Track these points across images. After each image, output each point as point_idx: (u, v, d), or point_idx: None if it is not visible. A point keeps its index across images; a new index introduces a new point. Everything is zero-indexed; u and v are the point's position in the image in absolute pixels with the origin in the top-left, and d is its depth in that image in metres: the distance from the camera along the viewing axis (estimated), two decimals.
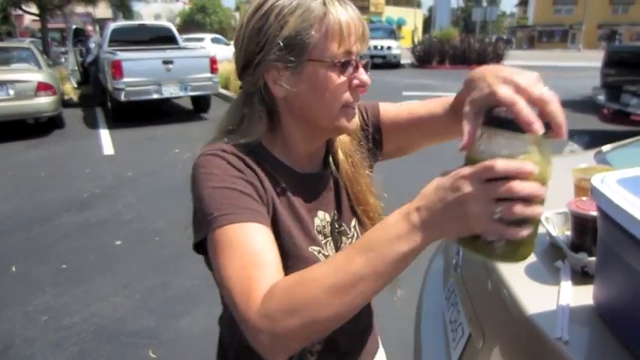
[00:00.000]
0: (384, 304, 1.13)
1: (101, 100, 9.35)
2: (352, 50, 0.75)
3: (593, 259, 0.96)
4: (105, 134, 7.70)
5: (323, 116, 0.77)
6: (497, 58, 20.33)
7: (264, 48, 0.74)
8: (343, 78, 0.76)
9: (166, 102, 9.59)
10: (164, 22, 12.58)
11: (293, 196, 0.81)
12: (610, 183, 0.80)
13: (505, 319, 1.01)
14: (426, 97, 0.96)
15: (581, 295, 0.93)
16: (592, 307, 0.90)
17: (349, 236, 0.87)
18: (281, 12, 0.73)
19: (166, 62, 7.96)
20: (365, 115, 0.94)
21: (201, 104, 9.35)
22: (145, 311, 2.86)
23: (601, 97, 7.19)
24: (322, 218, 0.85)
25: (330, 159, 0.89)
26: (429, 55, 20.28)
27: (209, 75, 8.52)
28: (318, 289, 0.59)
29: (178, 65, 8.07)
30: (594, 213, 0.89)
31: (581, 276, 1.00)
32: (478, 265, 1.22)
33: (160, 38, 9.47)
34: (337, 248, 0.85)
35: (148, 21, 14.85)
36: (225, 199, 0.70)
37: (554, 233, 1.12)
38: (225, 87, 11.62)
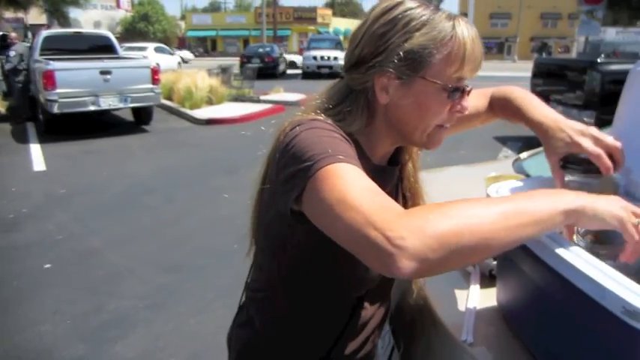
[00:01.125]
0: None
1: (31, 113, 8.84)
2: (464, 76, 0.78)
3: None
4: (36, 149, 7.25)
5: (417, 131, 0.80)
6: None
7: (382, 53, 0.76)
8: (449, 102, 0.78)
9: (105, 114, 9.22)
10: (102, 31, 12.13)
11: None
12: (504, 192, 0.82)
13: (420, 324, 1.03)
14: None
15: (488, 298, 0.96)
16: (497, 309, 0.93)
17: None
18: (409, 23, 0.75)
19: (104, 72, 7.67)
20: None
21: (142, 116, 9.06)
22: (75, 338, 2.67)
23: None
24: None
25: (404, 159, 0.94)
26: None
27: (150, 86, 8.29)
28: (480, 207, 0.62)
29: (117, 76, 7.80)
30: None
31: (489, 279, 1.03)
32: None
33: (98, 47, 9.11)
34: None
35: (86, 29, 14.19)
36: (337, 145, 0.70)
37: None
38: (168, 98, 11.36)
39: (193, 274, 3.36)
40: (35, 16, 23.18)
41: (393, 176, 0.91)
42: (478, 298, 0.97)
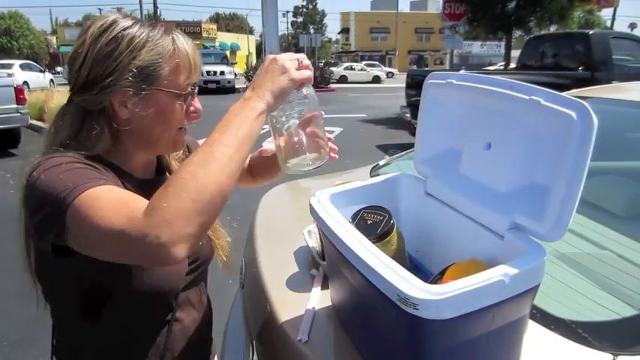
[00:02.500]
0: None
1: None
2: (192, 82, 0.87)
3: None
4: None
5: (163, 137, 0.87)
6: (325, 82, 21.86)
7: (114, 73, 0.79)
8: (182, 105, 0.86)
9: None
10: None
11: None
12: (323, 200, 0.91)
13: (266, 328, 1.08)
14: None
15: (327, 298, 1.04)
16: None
17: None
18: (132, 41, 0.80)
19: None
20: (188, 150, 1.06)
21: (9, 138, 8.20)
22: None
23: (407, 115, 8.22)
24: None
25: (170, 166, 1.01)
26: None
27: (15, 106, 7.55)
28: (194, 166, 0.69)
29: None
30: None
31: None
32: (252, 281, 1.28)
33: None
34: None
35: None
36: (78, 175, 0.73)
37: (311, 244, 1.24)
38: (39, 118, 10.42)
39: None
40: None
41: (160, 186, 0.96)
42: (318, 299, 1.05)
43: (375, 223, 0.88)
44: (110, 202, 0.69)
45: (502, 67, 14.22)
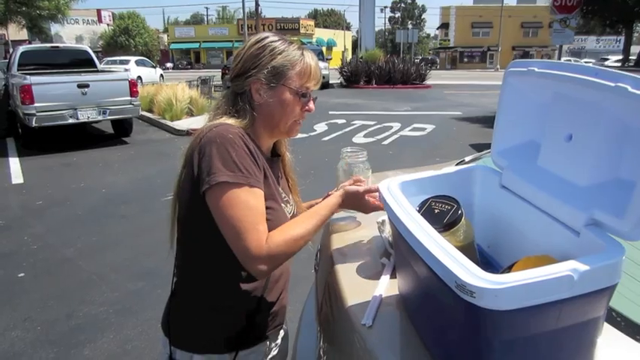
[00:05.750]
0: None
1: (10, 128, 8.83)
2: (310, 87, 1.16)
3: None
4: (14, 162, 7.26)
5: (281, 123, 1.15)
6: (421, 78, 21.37)
7: (257, 67, 1.11)
8: (300, 103, 1.15)
9: (85, 127, 9.23)
10: (80, 45, 12.13)
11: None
12: (393, 187, 0.91)
13: (335, 313, 1.11)
14: (351, 117, 1.68)
15: (395, 287, 1.04)
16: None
17: (290, 204, 1.25)
18: (274, 49, 1.12)
19: (81, 86, 7.70)
20: None
21: (122, 128, 9.10)
22: (45, 343, 2.74)
23: None
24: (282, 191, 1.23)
25: (282, 151, 1.29)
26: (356, 76, 20.93)
27: (129, 98, 8.32)
28: (301, 230, 1.08)
29: (95, 89, 7.83)
30: None
31: None
32: (325, 265, 1.31)
33: (76, 61, 9.17)
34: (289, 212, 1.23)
35: (68, 43, 14.20)
36: (244, 165, 1.02)
37: (383, 234, 1.24)
38: (149, 110, 11.38)
39: (164, 280, 3.39)
40: (16, 32, 23.04)
41: (278, 165, 1.26)
42: (386, 286, 1.06)
43: (442, 212, 0.87)
44: (252, 216, 1.01)
45: (619, 64, 12.93)
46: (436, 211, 0.88)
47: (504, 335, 0.65)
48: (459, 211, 0.86)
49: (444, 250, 0.69)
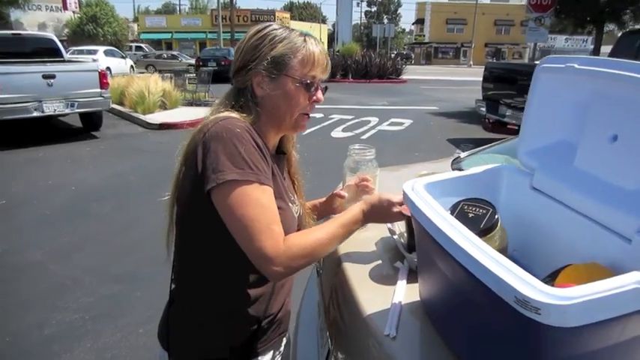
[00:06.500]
0: None
1: None
2: (316, 75, 1.06)
3: None
4: None
5: (287, 117, 1.07)
6: (397, 72, 21.47)
7: (256, 59, 1.03)
8: (307, 94, 1.06)
9: (52, 120, 8.83)
10: (45, 33, 11.55)
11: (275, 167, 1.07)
12: (418, 188, 0.85)
13: (348, 320, 1.05)
14: (329, 111, 1.40)
15: (413, 293, 0.99)
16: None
17: (296, 204, 1.16)
18: (274, 38, 1.03)
19: (47, 77, 7.28)
20: None
21: (91, 122, 8.72)
22: (16, 357, 2.56)
23: (483, 109, 7.87)
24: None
25: (288, 149, 1.21)
26: (332, 69, 20.72)
27: (98, 90, 7.96)
28: (323, 241, 1.00)
29: (62, 80, 7.43)
30: None
31: (416, 275, 1.05)
32: (331, 268, 1.25)
33: (41, 50, 8.65)
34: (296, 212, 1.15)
35: (27, 30, 13.55)
36: (253, 160, 0.94)
37: (395, 236, 1.18)
38: (120, 102, 11.03)
39: (142, 282, 3.25)
40: None
41: (283, 163, 1.19)
42: (404, 293, 1.00)
43: (477, 216, 0.81)
44: (265, 215, 0.93)
45: None
46: (470, 215, 0.82)
47: (564, 353, 0.60)
48: (496, 216, 0.81)
49: (494, 260, 0.63)
